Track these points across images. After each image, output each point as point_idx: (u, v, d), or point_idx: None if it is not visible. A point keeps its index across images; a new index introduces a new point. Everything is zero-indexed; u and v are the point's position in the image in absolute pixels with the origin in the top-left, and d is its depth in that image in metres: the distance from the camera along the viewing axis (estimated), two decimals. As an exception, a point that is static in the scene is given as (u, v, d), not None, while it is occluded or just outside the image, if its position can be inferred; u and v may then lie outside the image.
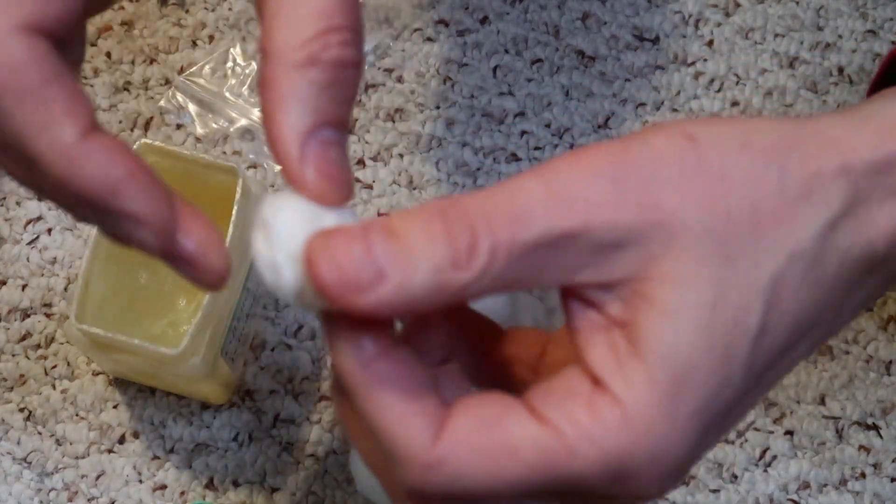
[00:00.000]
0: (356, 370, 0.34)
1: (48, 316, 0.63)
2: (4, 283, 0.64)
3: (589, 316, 0.35)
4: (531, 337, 0.41)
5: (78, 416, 0.61)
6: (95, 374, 0.62)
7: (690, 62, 0.67)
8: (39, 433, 0.61)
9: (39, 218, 0.64)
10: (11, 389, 0.62)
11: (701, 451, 0.35)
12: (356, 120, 0.66)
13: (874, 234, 0.35)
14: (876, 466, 0.60)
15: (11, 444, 0.61)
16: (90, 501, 0.60)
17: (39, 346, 0.62)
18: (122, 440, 0.61)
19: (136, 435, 0.61)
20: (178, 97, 0.66)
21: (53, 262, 0.64)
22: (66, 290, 0.63)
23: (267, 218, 0.34)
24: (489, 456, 0.33)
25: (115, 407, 0.61)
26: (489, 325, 0.40)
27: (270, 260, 0.34)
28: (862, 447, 0.60)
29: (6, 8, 0.33)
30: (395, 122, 0.66)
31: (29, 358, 0.62)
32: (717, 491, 0.60)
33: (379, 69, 0.67)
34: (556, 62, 0.67)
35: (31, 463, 0.61)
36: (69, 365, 0.62)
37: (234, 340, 0.58)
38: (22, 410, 0.62)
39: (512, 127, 0.66)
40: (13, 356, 0.62)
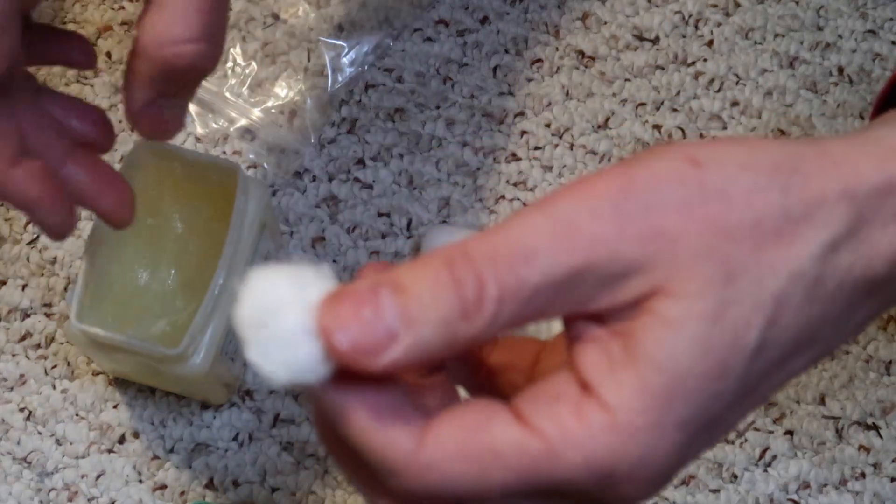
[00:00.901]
0: (328, 395, 0.34)
1: (48, 316, 0.63)
2: (4, 283, 0.64)
3: (588, 326, 0.35)
4: (525, 344, 0.41)
5: (78, 416, 0.61)
6: (95, 374, 0.62)
7: (690, 62, 0.67)
8: (39, 433, 0.61)
9: (39, 218, 0.64)
10: (11, 389, 0.62)
11: (688, 458, 0.35)
12: (356, 120, 0.66)
13: (875, 257, 0.35)
14: (876, 466, 0.60)
15: (11, 444, 0.61)
16: (90, 501, 0.60)
17: (39, 346, 0.62)
18: (122, 440, 0.61)
19: (136, 435, 0.61)
20: (178, 97, 0.66)
21: (53, 262, 0.64)
22: (66, 290, 0.63)
23: (257, 318, 0.33)
24: (474, 461, 0.34)
25: (115, 407, 0.61)
26: None
27: (277, 358, 0.33)
28: (862, 447, 0.60)
29: None
30: (395, 122, 0.66)
31: (29, 358, 0.62)
32: (717, 491, 0.60)
33: (379, 69, 0.67)
34: (556, 62, 0.67)
35: (31, 463, 0.61)
36: (69, 365, 0.62)
37: (234, 340, 0.58)
38: (22, 410, 0.62)
39: (512, 127, 0.66)
40: (13, 356, 0.62)
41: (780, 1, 0.68)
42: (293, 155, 0.65)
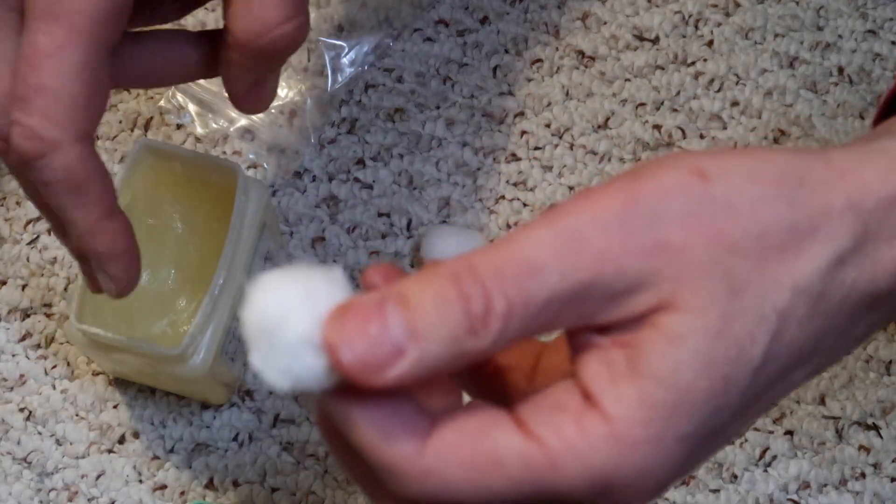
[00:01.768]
0: (331, 399, 0.34)
1: (48, 316, 0.63)
2: (4, 283, 0.64)
3: (591, 335, 0.35)
4: (526, 345, 0.41)
5: (78, 416, 0.61)
6: (95, 374, 0.62)
7: (690, 62, 0.67)
8: (39, 433, 0.61)
9: (39, 218, 0.64)
10: (11, 389, 0.62)
11: (687, 469, 0.35)
12: (356, 120, 0.66)
13: (879, 271, 0.35)
14: (876, 466, 0.60)
15: (11, 444, 0.61)
16: (90, 501, 0.60)
17: (39, 346, 0.62)
18: (122, 440, 0.61)
19: (136, 435, 0.61)
20: (178, 97, 0.66)
21: (53, 262, 0.64)
22: (66, 290, 0.63)
23: (263, 326, 0.33)
24: (475, 468, 0.34)
25: (115, 407, 0.61)
26: None
27: (281, 366, 0.33)
28: (862, 447, 0.60)
29: (66, 124, 0.44)
30: (395, 122, 0.66)
31: (29, 358, 0.62)
32: (717, 491, 0.60)
33: (379, 69, 0.67)
34: (556, 62, 0.67)
35: (31, 463, 0.61)
36: (69, 365, 0.62)
37: (234, 340, 0.58)
38: (22, 410, 0.62)
39: (512, 127, 0.66)
40: (13, 356, 0.62)
41: (780, 1, 0.68)
42: (293, 155, 0.65)
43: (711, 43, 0.67)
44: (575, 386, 0.34)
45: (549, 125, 0.66)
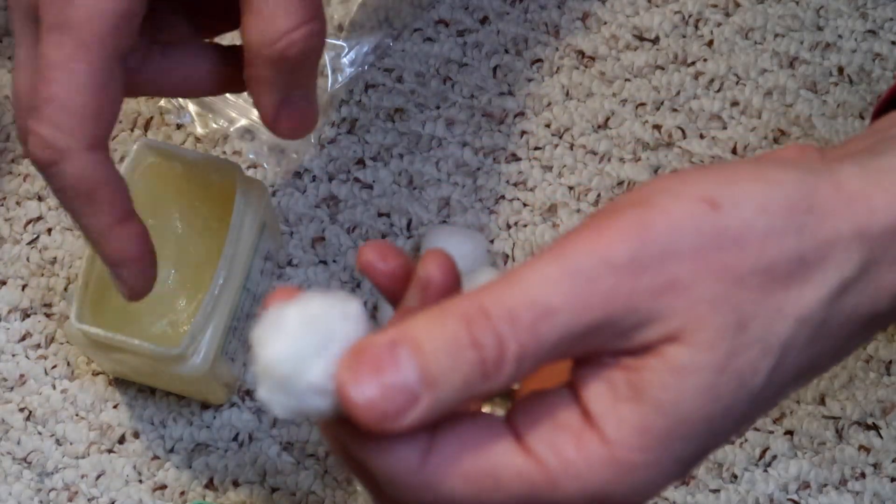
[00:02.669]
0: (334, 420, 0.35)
1: (48, 316, 0.63)
2: (4, 283, 0.64)
3: (595, 359, 0.35)
4: None
5: (78, 416, 0.61)
6: (95, 374, 0.62)
7: (690, 62, 0.67)
8: (39, 433, 0.61)
9: (39, 218, 0.64)
10: (11, 389, 0.62)
11: (679, 480, 0.36)
12: (356, 120, 0.66)
13: (880, 295, 0.36)
14: (876, 466, 0.60)
15: (11, 444, 0.61)
16: (90, 501, 0.60)
17: (39, 346, 0.62)
18: (122, 440, 0.61)
19: (136, 435, 0.61)
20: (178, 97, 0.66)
21: (53, 262, 0.64)
22: (66, 290, 0.63)
23: (275, 372, 0.33)
24: (474, 484, 0.34)
25: (115, 407, 0.61)
26: None
27: (290, 407, 0.33)
28: (862, 447, 0.60)
29: (76, 132, 0.44)
30: (395, 122, 0.66)
31: (29, 358, 0.62)
32: (717, 491, 0.60)
33: (379, 69, 0.67)
34: (556, 62, 0.67)
35: (31, 463, 0.61)
36: (69, 365, 0.62)
37: (233, 340, 0.58)
38: (22, 410, 0.62)
39: (512, 127, 0.66)
40: (13, 356, 0.62)
41: (780, 1, 0.68)
42: (293, 155, 0.65)
43: (711, 43, 0.67)
44: (574, 402, 0.35)
45: (549, 125, 0.66)
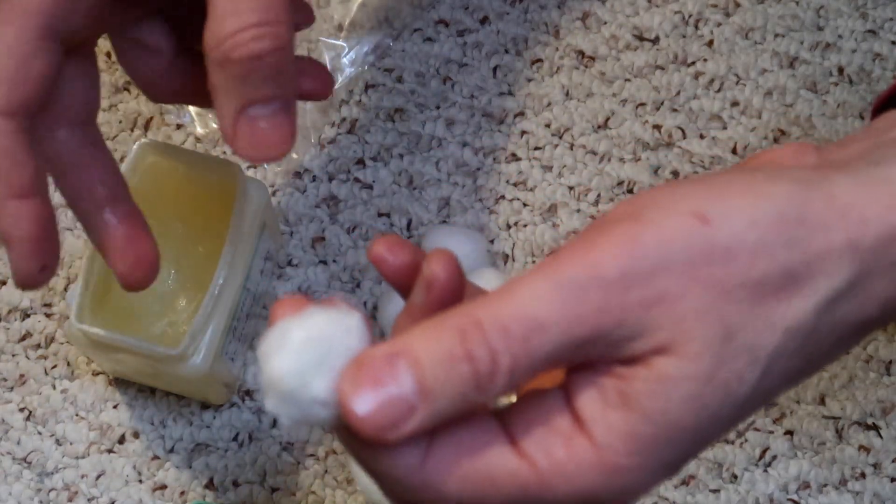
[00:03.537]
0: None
1: (48, 316, 0.63)
2: (4, 283, 0.64)
3: (589, 364, 0.36)
4: None
5: (78, 416, 0.61)
6: (95, 374, 0.62)
7: (690, 62, 0.67)
8: (39, 433, 0.61)
9: (39, 218, 0.64)
10: (11, 389, 0.62)
11: (663, 481, 0.37)
12: (356, 120, 0.66)
13: (870, 304, 0.36)
14: (876, 466, 0.60)
15: (11, 444, 0.61)
16: (90, 501, 0.60)
17: (39, 346, 0.62)
18: (122, 440, 0.61)
19: (136, 435, 0.61)
20: (178, 97, 0.66)
21: (53, 262, 0.64)
22: (66, 290, 0.63)
23: (281, 387, 0.35)
24: (470, 484, 0.35)
25: (115, 407, 0.61)
26: None
27: (295, 416, 0.35)
28: (862, 447, 0.60)
29: None
30: (395, 122, 0.66)
31: (29, 358, 0.62)
32: (717, 491, 0.60)
33: (379, 69, 0.67)
34: (556, 62, 0.67)
35: (31, 463, 0.61)
36: (69, 365, 0.62)
37: (233, 340, 0.58)
38: (22, 410, 0.62)
39: (512, 127, 0.66)
40: (13, 356, 0.62)
41: (780, 1, 0.68)
42: (293, 155, 0.65)
43: (711, 43, 0.67)
44: (566, 407, 0.36)
45: (549, 125, 0.66)
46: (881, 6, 0.67)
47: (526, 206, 0.64)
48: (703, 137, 0.65)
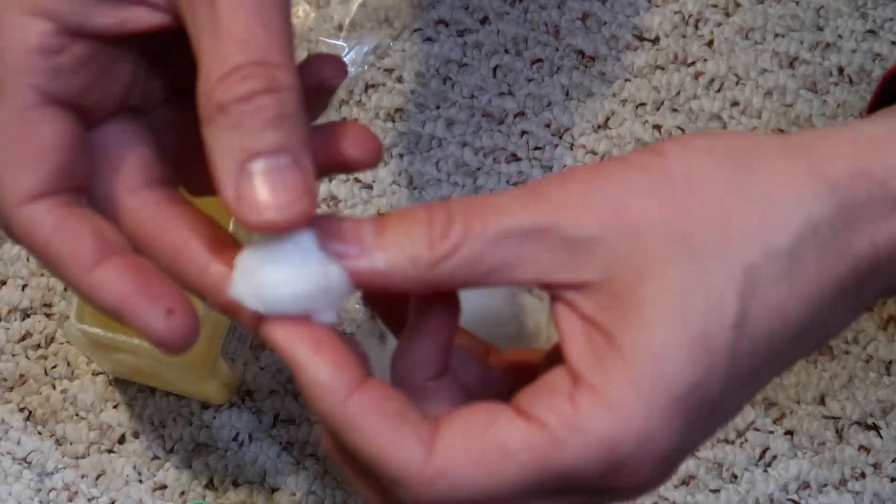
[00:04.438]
0: (335, 410, 0.35)
1: (48, 316, 0.63)
2: (4, 283, 0.64)
3: (570, 318, 0.36)
4: (529, 354, 0.42)
5: (78, 416, 0.61)
6: (95, 374, 0.62)
7: (690, 62, 0.67)
8: (39, 433, 0.61)
9: (39, 218, 0.64)
10: (11, 389, 0.62)
11: (692, 441, 0.36)
12: (356, 120, 0.66)
13: (859, 240, 0.36)
14: (876, 466, 0.60)
15: (11, 444, 0.61)
16: (90, 501, 0.60)
17: (39, 346, 0.62)
18: (122, 440, 0.61)
19: (136, 435, 0.61)
20: (178, 97, 0.66)
21: (53, 262, 0.64)
22: (66, 290, 0.63)
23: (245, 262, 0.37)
24: (483, 460, 0.35)
25: (115, 407, 0.61)
26: (480, 345, 0.42)
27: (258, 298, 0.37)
28: (862, 447, 0.60)
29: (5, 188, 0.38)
30: (395, 122, 0.66)
31: (29, 358, 0.62)
32: (717, 491, 0.60)
33: (379, 69, 0.67)
34: (556, 62, 0.67)
35: (31, 463, 0.61)
36: (69, 365, 0.62)
37: (234, 340, 0.58)
38: (22, 410, 0.62)
39: (512, 127, 0.66)
40: (13, 356, 0.62)
41: (780, 1, 0.68)
42: (293, 155, 0.65)
43: (711, 43, 0.67)
44: (565, 371, 0.36)
45: (549, 125, 0.66)
46: (881, 6, 0.67)
47: (526, 206, 0.64)
48: (703, 137, 0.65)
